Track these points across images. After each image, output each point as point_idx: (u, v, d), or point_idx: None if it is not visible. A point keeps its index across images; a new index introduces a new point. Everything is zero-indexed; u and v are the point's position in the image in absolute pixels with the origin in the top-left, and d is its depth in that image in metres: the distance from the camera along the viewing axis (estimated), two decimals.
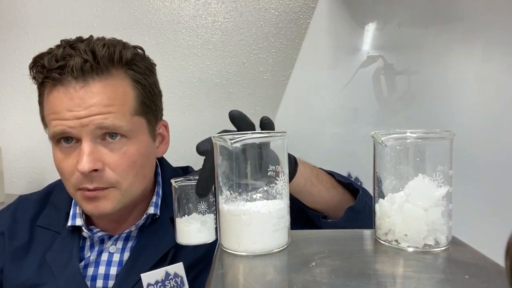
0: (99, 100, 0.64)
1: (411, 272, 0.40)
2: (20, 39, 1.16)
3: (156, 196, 0.76)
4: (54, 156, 0.69)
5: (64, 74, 0.64)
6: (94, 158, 0.64)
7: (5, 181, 1.14)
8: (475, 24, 0.97)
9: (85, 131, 0.64)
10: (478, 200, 0.98)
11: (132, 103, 0.68)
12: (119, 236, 0.73)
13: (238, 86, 1.14)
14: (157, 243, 0.71)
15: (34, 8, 1.16)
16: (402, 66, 1.00)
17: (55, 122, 0.65)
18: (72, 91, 0.64)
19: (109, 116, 0.64)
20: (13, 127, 1.19)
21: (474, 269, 0.39)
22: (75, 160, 0.65)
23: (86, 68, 0.64)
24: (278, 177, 0.46)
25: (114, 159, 0.66)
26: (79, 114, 0.64)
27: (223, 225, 0.46)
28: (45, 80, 0.66)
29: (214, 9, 1.13)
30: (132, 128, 0.67)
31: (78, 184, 0.66)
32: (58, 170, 0.69)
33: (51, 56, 0.65)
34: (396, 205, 0.45)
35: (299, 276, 0.39)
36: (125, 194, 0.68)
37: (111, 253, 0.72)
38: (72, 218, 0.73)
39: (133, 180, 0.68)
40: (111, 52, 0.66)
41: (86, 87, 0.64)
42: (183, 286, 0.67)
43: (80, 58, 0.63)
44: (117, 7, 1.14)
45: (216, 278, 0.40)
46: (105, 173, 0.65)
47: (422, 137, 0.46)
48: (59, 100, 0.65)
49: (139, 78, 0.69)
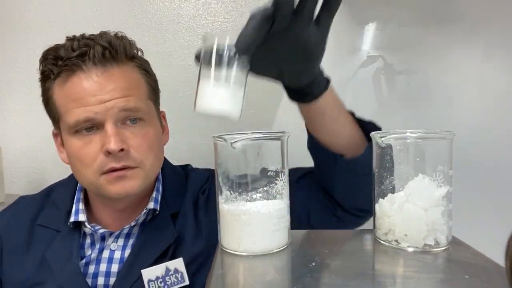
0: (119, 84, 0.67)
1: (411, 272, 0.40)
2: (20, 39, 1.16)
3: (156, 191, 0.76)
4: (70, 147, 0.69)
5: (85, 61, 0.66)
6: (120, 139, 0.66)
7: (5, 181, 1.14)
8: (475, 24, 0.97)
9: (110, 114, 0.66)
10: (478, 200, 0.98)
11: (145, 88, 0.73)
12: (120, 233, 0.73)
13: None
14: (157, 239, 0.72)
15: (34, 8, 1.16)
16: (402, 66, 1.00)
17: (78, 110, 0.66)
18: (94, 76, 0.66)
19: (130, 99, 0.68)
20: (13, 127, 1.19)
21: (474, 269, 0.39)
22: (97, 145, 0.66)
23: (106, 56, 0.67)
24: (278, 177, 0.46)
25: (136, 141, 0.68)
26: (103, 98, 0.66)
27: (223, 225, 0.46)
28: (64, 68, 0.67)
29: (214, 9, 1.13)
30: (149, 111, 0.72)
31: (102, 167, 0.66)
32: (75, 160, 0.69)
33: (67, 47, 0.67)
34: (396, 205, 0.45)
35: (299, 276, 0.39)
36: (147, 174, 0.70)
37: (112, 250, 0.73)
38: (74, 214, 0.73)
39: (153, 161, 0.71)
40: (124, 44, 0.70)
41: (107, 73, 0.67)
42: (183, 281, 0.67)
43: (101, 47, 0.66)
44: (117, 7, 1.13)
45: (216, 278, 0.40)
46: (131, 153, 0.67)
47: (422, 137, 0.46)
48: (81, 87, 0.66)
49: (145, 67, 0.74)
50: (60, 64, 0.66)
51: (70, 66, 0.66)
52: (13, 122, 1.20)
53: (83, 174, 0.69)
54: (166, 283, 0.66)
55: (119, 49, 0.68)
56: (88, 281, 0.70)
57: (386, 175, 0.47)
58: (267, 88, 1.15)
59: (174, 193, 0.78)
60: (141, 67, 0.73)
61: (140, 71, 0.73)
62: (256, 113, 1.12)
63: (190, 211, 0.76)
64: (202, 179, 0.82)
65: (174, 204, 0.76)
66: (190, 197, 0.78)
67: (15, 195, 0.91)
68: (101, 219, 0.76)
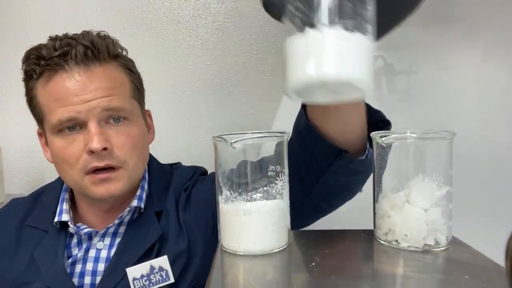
0: (102, 83, 0.67)
1: (411, 272, 0.40)
2: (20, 39, 1.16)
3: (140, 190, 0.76)
4: (53, 147, 0.69)
5: (67, 60, 0.66)
6: (103, 138, 0.66)
7: (5, 181, 1.14)
8: (475, 24, 0.97)
9: (92, 114, 0.66)
10: (478, 200, 0.98)
11: (128, 87, 0.72)
12: (106, 232, 0.73)
13: (238, 86, 1.14)
14: (142, 237, 0.72)
15: (34, 8, 1.16)
16: (402, 66, 1.00)
17: (60, 109, 0.66)
18: (76, 76, 0.66)
19: (113, 98, 0.67)
20: (13, 127, 1.19)
21: (474, 269, 0.39)
22: (81, 145, 0.66)
23: (89, 55, 0.67)
24: (278, 177, 0.46)
25: (120, 140, 0.68)
26: (85, 97, 0.65)
27: (223, 225, 0.46)
28: (46, 68, 0.66)
29: (214, 9, 1.13)
30: (133, 110, 0.71)
31: (86, 166, 0.66)
32: (59, 160, 0.69)
33: (49, 47, 0.67)
34: (396, 205, 0.45)
35: (299, 276, 0.39)
36: (131, 174, 0.70)
37: (98, 250, 0.73)
38: (58, 214, 0.73)
39: (137, 160, 0.71)
40: (107, 43, 0.69)
41: (89, 72, 0.67)
42: (168, 279, 0.67)
43: (83, 46, 0.66)
44: (117, 7, 1.13)
45: (216, 278, 0.40)
46: (114, 152, 0.67)
47: (422, 137, 0.46)
48: (63, 86, 0.66)
49: (129, 66, 0.74)
50: (43, 63, 0.66)
51: (52, 66, 0.66)
52: (13, 122, 1.20)
53: (67, 174, 0.69)
54: (151, 281, 0.66)
55: (102, 48, 0.68)
56: (74, 280, 0.70)
57: (386, 175, 0.47)
58: (267, 88, 1.15)
59: (159, 191, 0.78)
60: (125, 66, 0.73)
61: (124, 70, 0.72)
62: (256, 113, 1.12)
63: (172, 209, 0.75)
64: (185, 177, 0.82)
65: (159, 202, 0.76)
66: (172, 194, 0.78)
67: (15, 195, 0.91)
68: (87, 218, 0.76)
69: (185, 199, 0.78)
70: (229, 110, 1.14)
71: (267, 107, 1.12)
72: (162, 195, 0.77)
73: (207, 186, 0.76)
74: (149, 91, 0.80)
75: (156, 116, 0.85)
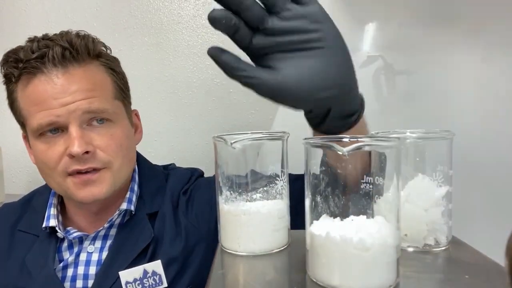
0: (82, 85, 0.65)
1: (411, 272, 0.40)
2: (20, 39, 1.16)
3: (130, 192, 0.74)
4: (35, 151, 0.68)
5: (44, 63, 0.64)
6: (84, 141, 0.64)
7: (5, 181, 1.14)
8: (475, 24, 0.96)
9: (73, 117, 0.64)
10: (478, 200, 0.98)
11: (111, 88, 0.70)
12: (97, 235, 0.72)
13: (238, 86, 1.13)
14: (134, 240, 0.70)
15: (34, 8, 1.16)
16: (402, 66, 1.00)
17: (40, 114, 0.64)
18: (55, 78, 0.64)
19: (93, 100, 0.66)
20: (13, 127, 1.19)
21: (474, 269, 0.39)
22: (62, 148, 0.65)
23: (66, 56, 0.65)
24: (278, 177, 0.46)
25: (103, 141, 0.66)
26: (65, 100, 0.64)
27: (223, 225, 0.46)
28: (23, 71, 0.65)
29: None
30: (116, 111, 0.69)
31: (66, 169, 0.65)
32: (41, 163, 0.68)
33: (26, 49, 0.65)
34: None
35: (299, 276, 0.39)
36: (116, 175, 0.69)
37: (89, 253, 0.72)
38: (46, 219, 0.72)
39: (122, 161, 0.69)
40: (86, 42, 0.67)
41: (68, 74, 0.65)
42: (161, 284, 0.67)
43: (60, 47, 0.64)
44: (117, 7, 1.13)
45: (216, 278, 0.40)
46: (97, 154, 0.66)
47: (422, 137, 0.46)
48: (42, 90, 0.64)
49: (112, 66, 0.72)
50: (21, 66, 0.65)
51: (30, 69, 0.64)
52: (13, 122, 1.20)
53: (50, 177, 0.68)
54: (144, 285, 0.66)
55: (80, 48, 0.66)
56: (66, 284, 0.69)
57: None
58: None
59: (151, 193, 0.76)
60: (107, 66, 0.71)
61: (106, 70, 0.70)
62: (256, 113, 1.12)
63: (169, 211, 0.74)
64: (183, 179, 0.80)
65: (151, 204, 0.75)
66: (169, 197, 0.76)
67: (15, 195, 0.90)
68: (76, 222, 0.75)
69: (185, 202, 0.76)
70: (229, 110, 1.14)
71: (267, 107, 1.12)
72: (156, 197, 0.76)
73: (208, 190, 0.75)
74: (149, 91, 0.80)
75: (156, 116, 0.84)
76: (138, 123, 0.80)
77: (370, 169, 0.35)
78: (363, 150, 0.34)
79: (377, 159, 0.36)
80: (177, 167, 0.86)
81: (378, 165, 0.36)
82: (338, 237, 0.34)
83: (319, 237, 0.35)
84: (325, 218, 0.37)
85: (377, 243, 0.33)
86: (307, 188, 0.38)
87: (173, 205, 0.75)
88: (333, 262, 0.35)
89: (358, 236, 0.33)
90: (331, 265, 0.35)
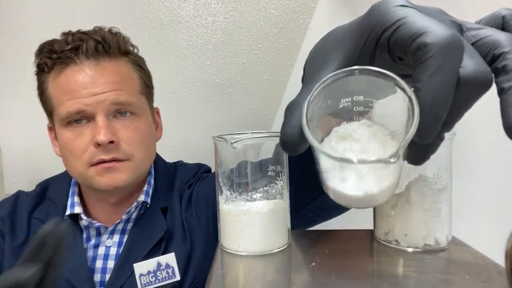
0: (112, 78, 0.68)
1: (411, 272, 0.40)
2: (20, 39, 1.16)
3: (147, 185, 0.77)
4: (62, 139, 0.70)
5: (78, 54, 0.68)
6: (110, 131, 0.67)
7: (5, 181, 1.14)
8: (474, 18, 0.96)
9: (100, 107, 0.67)
10: (478, 200, 0.98)
11: (137, 83, 0.74)
12: (115, 229, 0.74)
13: (238, 86, 1.14)
14: (148, 232, 0.73)
15: (34, 8, 1.16)
16: None
17: (69, 102, 0.67)
18: (87, 69, 0.67)
19: (121, 92, 0.69)
20: (13, 127, 1.19)
21: (474, 269, 0.39)
22: (88, 138, 0.67)
23: (99, 50, 0.68)
24: (278, 177, 0.46)
25: (126, 134, 0.69)
26: (94, 90, 0.67)
27: (223, 225, 0.46)
28: (57, 61, 0.68)
29: (214, 9, 1.13)
30: (140, 105, 0.73)
31: (92, 158, 0.67)
32: (67, 152, 0.70)
33: (61, 41, 0.69)
34: (396, 205, 0.45)
35: (299, 276, 0.39)
36: (137, 167, 0.71)
37: (107, 247, 0.73)
38: (70, 207, 0.74)
39: (143, 154, 0.72)
40: (118, 39, 0.71)
41: (99, 66, 0.68)
42: (174, 276, 0.68)
43: (94, 41, 0.68)
44: (117, 7, 1.14)
45: (216, 278, 0.40)
46: (120, 145, 0.68)
47: None
48: (73, 79, 0.67)
49: (139, 63, 0.75)
50: (54, 57, 0.68)
51: (63, 59, 0.67)
52: (13, 122, 1.20)
53: (73, 166, 0.70)
54: (157, 277, 0.67)
55: (112, 43, 0.70)
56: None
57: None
58: (267, 88, 1.15)
59: (164, 188, 0.79)
60: (135, 63, 0.74)
61: (134, 66, 0.74)
62: (256, 113, 1.12)
63: (177, 206, 0.76)
64: (190, 174, 0.83)
65: (164, 198, 0.77)
66: (177, 191, 0.78)
67: None
68: (95, 214, 0.77)
69: (188, 196, 0.78)
70: (229, 110, 1.14)
71: (267, 107, 1.12)
72: (167, 192, 0.78)
73: (209, 184, 0.77)
74: None
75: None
76: (159, 121, 0.83)
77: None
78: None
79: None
80: (185, 163, 0.89)
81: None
82: None
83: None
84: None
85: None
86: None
87: (180, 199, 0.78)
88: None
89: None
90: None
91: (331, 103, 0.32)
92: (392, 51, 0.28)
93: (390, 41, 0.27)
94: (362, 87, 0.31)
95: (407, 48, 0.26)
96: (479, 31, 0.30)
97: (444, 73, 0.25)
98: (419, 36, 0.25)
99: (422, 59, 0.25)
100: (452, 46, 0.25)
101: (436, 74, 0.25)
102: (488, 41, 0.28)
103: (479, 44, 0.29)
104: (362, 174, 0.30)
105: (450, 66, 0.25)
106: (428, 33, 0.25)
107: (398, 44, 0.27)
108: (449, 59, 0.25)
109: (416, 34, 0.25)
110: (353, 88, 0.31)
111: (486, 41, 0.29)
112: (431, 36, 0.25)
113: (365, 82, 0.30)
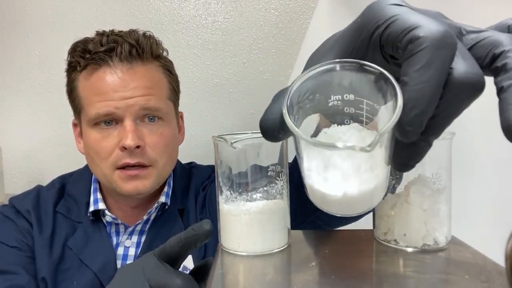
0: (143, 82, 0.69)
1: (410, 272, 0.40)
2: (20, 40, 1.16)
3: (167, 186, 0.78)
4: (88, 138, 0.70)
5: (111, 57, 0.68)
6: (137, 136, 0.67)
7: (5, 181, 1.14)
8: (475, 24, 0.97)
9: (129, 111, 0.67)
10: (478, 200, 0.98)
11: (166, 88, 0.74)
12: (134, 229, 0.74)
13: (238, 86, 1.14)
14: (166, 233, 0.73)
15: (34, 8, 1.16)
16: None
17: (100, 103, 0.67)
18: (119, 72, 0.68)
19: (151, 98, 0.69)
20: (13, 127, 1.19)
21: (474, 269, 0.39)
22: (115, 140, 0.68)
23: (133, 53, 0.69)
24: (278, 177, 0.46)
25: (152, 139, 0.70)
26: (125, 94, 0.67)
27: (223, 225, 0.46)
28: (90, 61, 0.68)
29: (214, 9, 1.13)
30: (168, 111, 0.73)
31: (117, 161, 0.68)
32: (92, 152, 0.70)
33: (95, 41, 0.69)
34: (396, 205, 0.45)
35: (299, 276, 0.39)
36: (160, 173, 0.72)
37: (126, 247, 0.74)
38: (94, 203, 0.75)
39: (167, 160, 0.72)
40: (151, 43, 0.72)
41: (132, 70, 0.69)
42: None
43: (128, 44, 0.68)
44: (117, 7, 1.13)
45: (216, 278, 0.40)
46: (146, 150, 0.69)
47: None
48: (105, 82, 0.67)
49: (169, 68, 0.76)
50: (88, 57, 0.68)
51: (97, 60, 0.68)
52: (13, 122, 1.20)
53: (98, 166, 0.70)
54: None
55: (146, 47, 0.70)
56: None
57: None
58: (267, 88, 1.15)
59: (181, 189, 0.80)
60: (165, 67, 0.75)
61: (164, 71, 0.74)
62: (256, 113, 1.12)
63: (192, 208, 0.77)
64: (204, 176, 0.84)
65: (181, 200, 0.78)
66: (193, 193, 0.79)
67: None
68: (114, 213, 0.78)
69: (202, 198, 0.79)
70: (229, 110, 1.14)
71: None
72: (184, 194, 0.79)
73: None
74: None
75: None
76: (182, 125, 0.84)
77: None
78: None
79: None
80: (199, 165, 0.90)
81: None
82: None
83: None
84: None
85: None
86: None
87: (195, 201, 0.78)
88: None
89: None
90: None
91: (320, 98, 0.31)
92: (383, 48, 0.27)
93: (382, 37, 0.26)
94: (352, 85, 0.30)
95: (398, 43, 0.25)
96: (479, 33, 0.30)
97: (433, 69, 0.24)
98: (411, 30, 0.25)
99: (413, 52, 0.24)
100: (444, 41, 0.24)
101: (425, 68, 0.24)
102: (489, 42, 0.28)
103: (480, 46, 0.29)
104: (345, 176, 0.29)
105: (440, 61, 0.24)
106: (421, 27, 0.24)
107: (390, 39, 0.26)
108: (440, 54, 0.24)
109: (408, 29, 0.25)
110: (343, 84, 0.31)
111: (486, 42, 0.28)
112: (424, 30, 0.24)
113: (354, 79, 0.29)
